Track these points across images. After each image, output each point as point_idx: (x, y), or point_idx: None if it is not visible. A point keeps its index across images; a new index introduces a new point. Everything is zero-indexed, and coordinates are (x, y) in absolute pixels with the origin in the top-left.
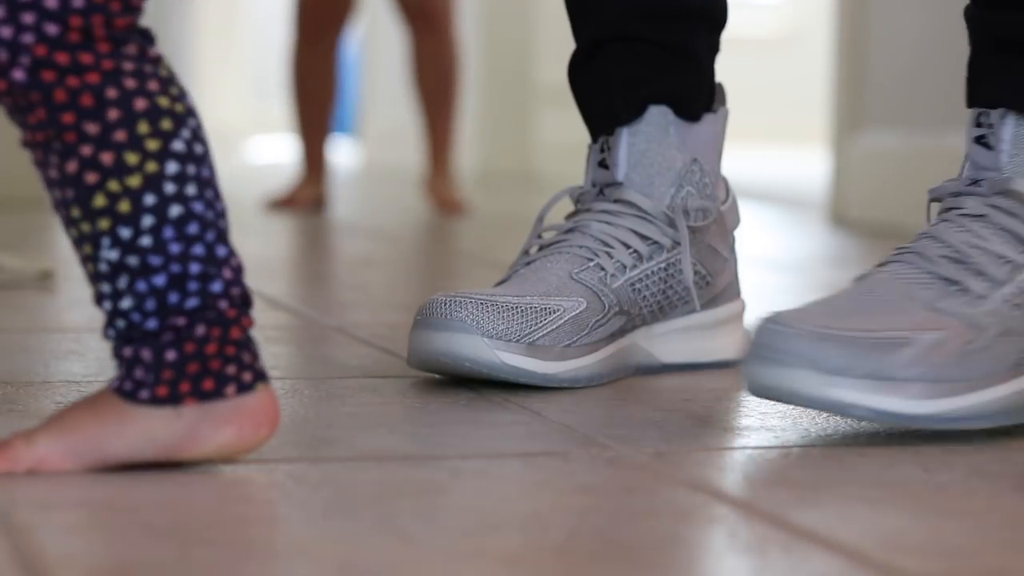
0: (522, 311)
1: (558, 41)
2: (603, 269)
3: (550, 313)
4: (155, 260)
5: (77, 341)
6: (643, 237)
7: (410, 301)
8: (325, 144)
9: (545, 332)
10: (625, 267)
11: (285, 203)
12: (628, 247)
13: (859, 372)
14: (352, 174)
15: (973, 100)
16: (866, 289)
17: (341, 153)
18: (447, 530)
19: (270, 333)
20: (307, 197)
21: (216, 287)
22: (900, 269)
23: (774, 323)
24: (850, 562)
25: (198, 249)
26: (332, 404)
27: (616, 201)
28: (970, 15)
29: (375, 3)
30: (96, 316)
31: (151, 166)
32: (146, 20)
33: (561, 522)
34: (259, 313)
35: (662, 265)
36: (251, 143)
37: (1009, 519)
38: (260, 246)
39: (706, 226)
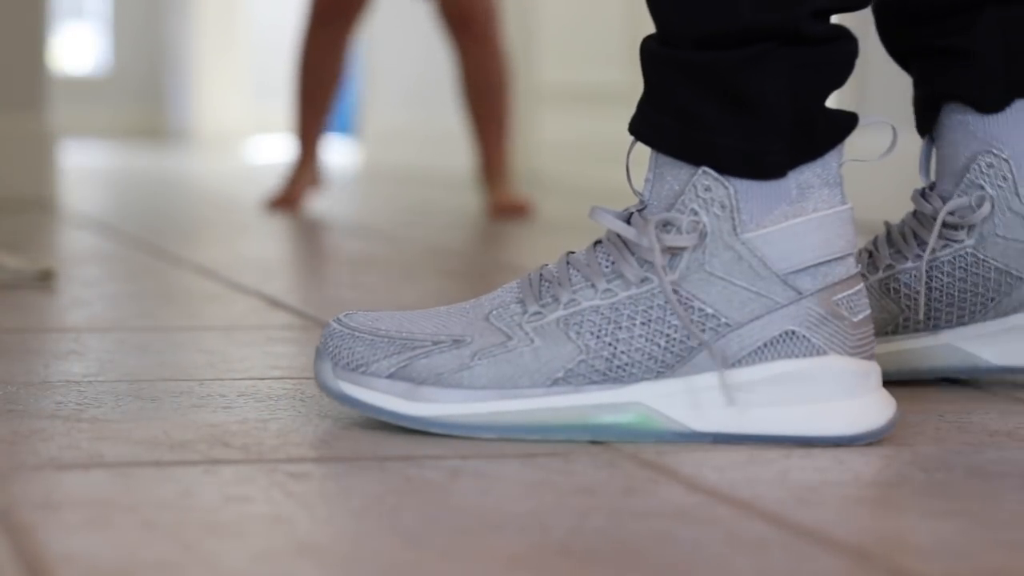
0: None
1: (558, 41)
2: None
3: None
4: None
5: (77, 341)
6: None
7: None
8: (321, 127)
9: None
10: None
11: (283, 202)
12: None
13: (348, 367)
14: (352, 174)
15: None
16: (468, 304)
17: (341, 153)
18: (447, 530)
19: (271, 333)
20: (303, 189)
21: None
22: (511, 285)
23: (335, 321)
24: (850, 562)
25: None
26: (333, 404)
27: None
28: (648, 48)
29: (378, 3)
30: (96, 316)
31: None
32: (146, 20)
33: (561, 522)
34: (260, 313)
35: None
36: (251, 143)
37: (1009, 519)
38: (260, 246)
39: None
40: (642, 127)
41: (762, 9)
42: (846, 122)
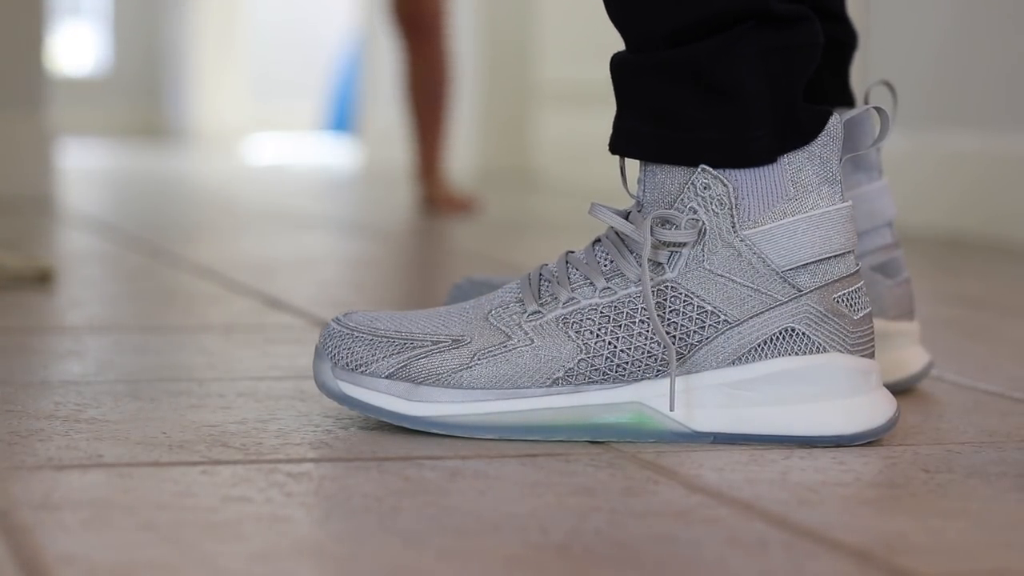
0: None
1: (558, 41)
2: None
3: None
4: None
5: (77, 341)
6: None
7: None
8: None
9: None
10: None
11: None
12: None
13: (348, 367)
14: (352, 174)
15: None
16: (467, 303)
17: (341, 153)
18: (447, 530)
19: (271, 333)
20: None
21: None
22: (511, 285)
23: (334, 321)
24: (851, 563)
25: None
26: (333, 404)
27: None
28: (619, 60)
29: (376, 3)
30: (94, 316)
31: None
32: (146, 18)
33: (561, 522)
34: (260, 313)
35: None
36: (250, 142)
37: (1009, 519)
38: (260, 246)
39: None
40: (623, 142)
41: None
42: (827, 112)
